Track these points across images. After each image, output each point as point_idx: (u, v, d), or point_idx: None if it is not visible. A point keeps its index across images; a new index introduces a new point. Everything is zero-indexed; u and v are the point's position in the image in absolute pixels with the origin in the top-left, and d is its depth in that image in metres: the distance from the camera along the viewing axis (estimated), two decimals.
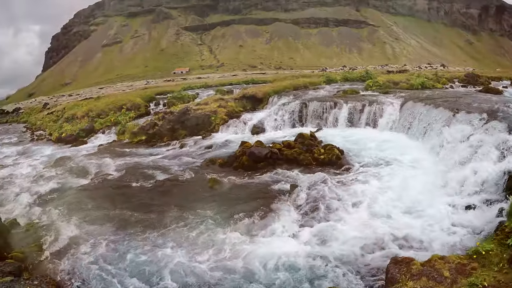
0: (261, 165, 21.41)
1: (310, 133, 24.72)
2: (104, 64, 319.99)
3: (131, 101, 48.69)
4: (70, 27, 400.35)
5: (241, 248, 13.02)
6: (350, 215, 14.57)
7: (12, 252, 14.41)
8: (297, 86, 39.37)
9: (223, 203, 17.03)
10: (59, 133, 44.63)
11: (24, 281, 10.57)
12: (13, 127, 74.94)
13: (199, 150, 27.97)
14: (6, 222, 18.00)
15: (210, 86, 62.14)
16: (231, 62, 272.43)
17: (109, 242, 14.70)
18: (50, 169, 28.42)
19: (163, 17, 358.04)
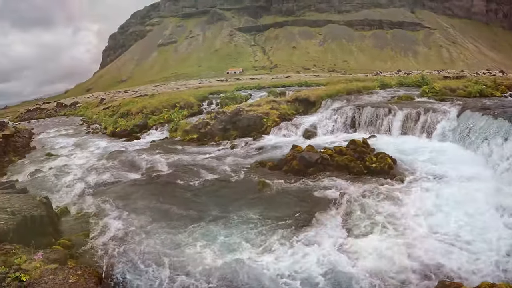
0: (311, 171, 21.02)
1: (363, 140, 23.97)
2: (159, 63, 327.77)
3: (185, 100, 49.51)
4: (127, 27, 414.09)
5: (280, 254, 12.81)
6: (398, 231, 13.74)
7: (60, 239, 15.03)
8: (351, 90, 38.68)
9: (270, 207, 16.96)
10: (113, 128, 46.20)
11: (68, 270, 10.61)
12: (70, 119, 78.23)
13: (250, 151, 27.98)
14: (57, 210, 18.91)
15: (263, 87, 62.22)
16: (284, 64, 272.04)
17: (153, 237, 15.00)
18: (103, 162, 29.53)
19: (217, 18, 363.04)
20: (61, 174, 26.86)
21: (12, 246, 12.58)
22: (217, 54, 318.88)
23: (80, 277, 10.01)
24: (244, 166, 23.96)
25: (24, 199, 16.84)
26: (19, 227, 13.81)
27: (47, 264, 10.94)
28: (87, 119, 69.42)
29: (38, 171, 28.66)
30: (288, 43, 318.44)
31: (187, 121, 40.97)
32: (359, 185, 18.31)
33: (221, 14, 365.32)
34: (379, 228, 14.03)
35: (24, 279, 9.69)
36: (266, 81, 78.10)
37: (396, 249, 12.48)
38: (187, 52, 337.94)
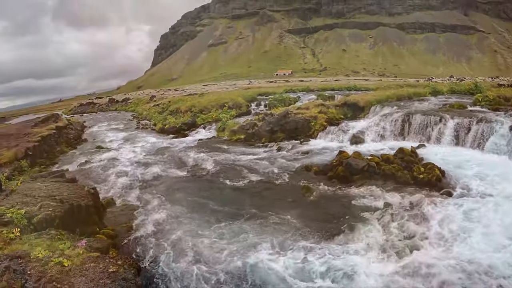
0: (356, 178, 20.60)
1: (411, 149, 23.23)
2: (209, 63, 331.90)
3: (233, 100, 49.99)
4: (178, 28, 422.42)
5: (317, 261, 12.55)
6: (441, 248, 12.88)
7: (103, 229, 15.58)
8: (401, 96, 37.90)
9: (310, 213, 16.78)
10: (162, 124, 47.40)
11: (109, 259, 10.84)
12: (121, 114, 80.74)
13: (296, 155, 27.81)
14: (104, 201, 19.63)
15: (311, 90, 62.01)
16: (333, 67, 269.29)
17: (193, 234, 15.23)
18: (151, 157, 30.48)
19: (266, 19, 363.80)
20: (109, 167, 27.89)
21: (58, 232, 13.08)
22: (266, 55, 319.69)
23: (120, 267, 10.22)
24: (289, 170, 23.87)
25: (72, 188, 17.44)
26: (66, 215, 14.34)
27: (89, 252, 11.27)
28: (137, 115, 71.41)
29: (88, 162, 29.91)
30: (338, 46, 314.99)
31: (235, 121, 41.32)
32: (405, 196, 17.57)
33: (270, 15, 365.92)
34: (421, 242, 13.36)
35: (66, 264, 9.98)
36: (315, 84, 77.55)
37: (435, 267, 11.84)
38: (237, 52, 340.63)
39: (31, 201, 15.18)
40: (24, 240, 12.09)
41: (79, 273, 9.82)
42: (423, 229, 14.28)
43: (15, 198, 15.69)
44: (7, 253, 10.55)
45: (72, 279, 9.45)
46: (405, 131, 28.53)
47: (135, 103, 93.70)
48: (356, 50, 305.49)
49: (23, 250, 10.69)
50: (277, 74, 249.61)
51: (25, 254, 10.41)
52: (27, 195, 16.08)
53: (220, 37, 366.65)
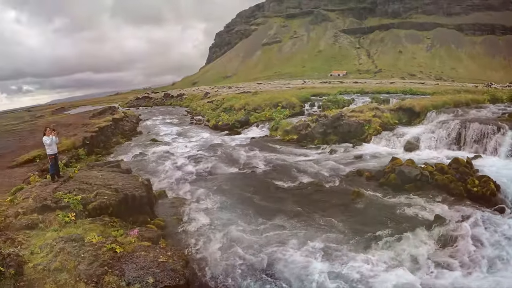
0: (408, 186, 19.95)
1: (466, 159, 21.89)
2: (263, 62, 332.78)
3: (287, 100, 49.84)
4: (232, 26, 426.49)
5: (360, 271, 12.22)
6: (492, 269, 12.27)
7: (155, 219, 16.02)
8: (458, 103, 36.45)
9: (359, 219, 16.45)
10: (216, 121, 48.03)
11: (159, 249, 11.11)
12: (176, 109, 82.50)
13: (348, 158, 27.35)
14: (156, 192, 20.23)
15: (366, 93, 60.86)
16: (389, 69, 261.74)
17: (241, 230, 15.34)
18: (204, 152, 30.88)
19: (321, 19, 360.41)
20: (162, 159, 28.57)
21: (111, 219, 13.65)
22: (321, 55, 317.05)
23: (169, 258, 10.44)
24: (340, 173, 23.49)
25: (127, 179, 18.10)
26: (120, 204, 14.88)
27: (140, 241, 11.60)
28: (191, 110, 72.61)
29: (142, 154, 30.80)
30: (394, 47, 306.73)
31: (288, 121, 41.16)
32: (457, 209, 16.74)
33: (325, 15, 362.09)
34: (471, 260, 12.78)
35: (118, 251, 10.32)
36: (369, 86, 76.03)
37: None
38: (291, 52, 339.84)
39: (87, 188, 15.81)
40: (79, 225, 12.63)
41: (130, 260, 10.12)
42: (472, 246, 13.60)
43: (72, 185, 16.37)
44: (62, 236, 11.02)
45: (123, 266, 9.74)
46: (461, 140, 27.27)
47: (189, 99, 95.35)
48: (412, 52, 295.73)
49: (77, 234, 11.12)
50: (331, 75, 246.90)
51: (79, 238, 10.82)
52: (84, 182, 16.75)
53: (275, 36, 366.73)
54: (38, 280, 9.08)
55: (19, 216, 13.00)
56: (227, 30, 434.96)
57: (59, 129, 33.98)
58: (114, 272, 9.41)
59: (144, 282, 9.10)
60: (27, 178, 20.12)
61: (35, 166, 23.51)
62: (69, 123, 42.90)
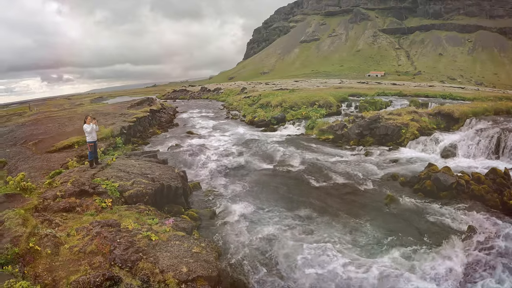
0: (443, 194, 19.56)
1: (505, 170, 20.94)
2: (300, 59, 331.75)
3: (324, 99, 49.52)
4: (271, 22, 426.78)
5: (389, 276, 12.09)
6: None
7: (189, 210, 16.26)
8: (499, 110, 35.28)
9: (392, 225, 16.23)
10: (252, 117, 48.04)
11: (193, 240, 11.24)
12: (212, 103, 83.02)
13: (383, 162, 27.02)
14: (191, 184, 20.58)
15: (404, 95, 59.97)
16: (428, 71, 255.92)
17: (273, 227, 15.38)
18: (239, 147, 31.03)
19: (360, 18, 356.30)
20: (198, 152, 28.76)
21: (146, 207, 13.87)
22: (359, 55, 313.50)
23: (202, 249, 10.56)
24: (375, 176, 23.31)
25: (164, 169, 18.43)
26: (155, 193, 15.18)
27: (175, 231, 11.78)
28: (228, 105, 72.94)
29: (178, 146, 31.08)
30: (434, 49, 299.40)
31: (324, 120, 41.05)
32: (491, 222, 16.30)
33: (364, 14, 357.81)
34: (503, 275, 12.40)
35: (153, 239, 10.52)
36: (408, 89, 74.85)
37: None
38: (329, 50, 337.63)
39: (124, 176, 16.12)
40: (115, 211, 12.92)
41: (165, 248, 10.28)
42: (504, 260, 13.22)
43: (110, 172, 16.73)
44: (99, 220, 11.29)
45: (157, 253, 9.91)
46: (500, 149, 26.45)
47: (226, 94, 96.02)
48: (453, 55, 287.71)
49: (114, 220, 11.37)
50: (369, 75, 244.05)
51: (115, 223, 11.07)
52: (121, 170, 17.09)
53: (313, 34, 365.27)
54: (73, 261, 9.32)
55: (57, 199, 13.39)
56: (265, 26, 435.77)
57: (98, 117, 34.79)
58: (148, 259, 9.56)
59: (178, 270, 9.22)
60: (65, 163, 20.59)
61: (74, 152, 24.04)
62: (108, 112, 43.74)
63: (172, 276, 9.00)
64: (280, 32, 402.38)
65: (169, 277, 8.97)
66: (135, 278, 8.92)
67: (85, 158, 20.43)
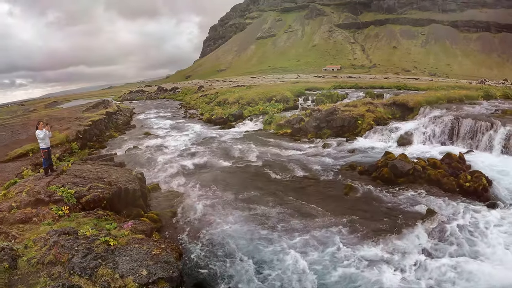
0: (400, 181, 20.17)
1: (459, 155, 22.15)
2: (257, 55, 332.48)
3: (281, 94, 49.97)
4: (227, 20, 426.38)
5: (353, 262, 12.48)
6: (479, 259, 12.50)
7: (148, 213, 16.07)
8: (451, 98, 36.73)
9: (352, 213, 16.55)
10: (210, 115, 47.99)
11: (153, 242, 11.17)
12: (169, 103, 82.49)
13: (341, 152, 27.57)
14: (150, 185, 20.30)
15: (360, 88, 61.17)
16: (383, 64, 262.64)
17: (234, 223, 15.49)
18: (197, 146, 30.95)
19: (316, 13, 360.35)
20: (156, 153, 28.58)
21: (105, 212, 13.64)
22: (315, 49, 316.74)
23: (162, 251, 10.51)
24: (334, 167, 23.69)
25: (121, 172, 18.11)
26: (113, 197, 14.89)
27: (134, 234, 11.64)
28: (185, 104, 72.53)
29: (136, 148, 30.75)
30: (389, 42, 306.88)
31: (281, 115, 41.43)
32: (449, 204, 17.03)
33: (320, 9, 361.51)
34: (460, 253, 13.02)
35: (112, 244, 10.36)
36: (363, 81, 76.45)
37: (472, 276, 11.54)
38: (285, 46, 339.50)
39: (80, 182, 15.82)
40: (72, 218, 12.66)
41: (124, 253, 10.17)
42: (461, 238, 13.91)
43: (65, 178, 16.37)
44: (56, 229, 11.06)
45: (117, 258, 9.79)
46: (453, 135, 27.57)
47: (183, 93, 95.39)
48: (407, 48, 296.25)
49: (71, 227, 11.16)
50: (326, 69, 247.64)
51: (73, 231, 10.87)
52: (77, 176, 16.75)
53: (269, 30, 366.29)
54: (32, 273, 9.10)
55: (13, 210, 13.01)
56: (221, 23, 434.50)
57: (52, 123, 33.92)
58: (108, 264, 9.45)
59: (138, 274, 9.15)
60: (20, 172, 20.08)
61: (28, 160, 23.49)
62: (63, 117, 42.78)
63: (132, 280, 8.93)
64: (237, 29, 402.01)
65: (129, 281, 8.90)
66: (95, 285, 8.79)
67: (41, 166, 19.96)
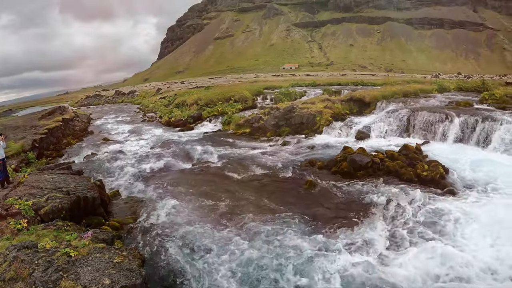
0: (360, 174, 20.73)
1: (416, 146, 23.19)
2: (215, 56, 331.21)
3: (239, 93, 50.04)
4: (184, 20, 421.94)
5: (316, 255, 12.76)
6: (439, 244, 12.90)
7: (109, 220, 15.85)
8: (407, 93, 37.76)
9: (314, 207, 16.98)
10: (168, 117, 47.66)
11: (115, 250, 11.07)
12: (128, 107, 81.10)
13: (301, 149, 27.96)
14: (109, 192, 20.03)
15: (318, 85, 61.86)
16: (340, 61, 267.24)
17: (195, 225, 15.50)
18: (157, 149, 30.65)
19: (273, 13, 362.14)
20: (115, 159, 28.13)
21: (64, 223, 13.35)
22: (273, 49, 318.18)
23: (124, 258, 10.44)
24: (294, 164, 24.04)
25: (79, 180, 17.74)
26: (72, 206, 14.60)
27: (95, 243, 11.49)
28: (144, 107, 71.64)
29: (94, 155, 30.16)
30: (346, 40, 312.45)
31: (240, 115, 41.61)
32: (408, 193, 17.70)
33: (277, 9, 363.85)
34: (420, 238, 13.58)
35: (73, 255, 10.21)
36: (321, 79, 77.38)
37: (432, 262, 12.02)
38: (243, 46, 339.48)
39: (38, 193, 15.42)
40: (32, 231, 12.34)
41: (85, 263, 10.03)
42: (421, 225, 14.52)
43: (22, 190, 15.92)
44: (15, 244, 10.77)
45: (78, 269, 9.67)
46: (410, 127, 28.52)
47: (141, 96, 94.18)
48: (363, 45, 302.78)
49: (30, 241, 10.90)
50: (284, 68, 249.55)
51: (32, 244, 10.62)
52: (34, 187, 16.32)
53: (227, 30, 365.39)
54: None
55: None
56: (179, 24, 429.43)
57: (6, 132, 32.91)
58: (69, 276, 9.32)
59: (100, 284, 9.06)
60: None
61: None
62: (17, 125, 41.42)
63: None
64: (194, 30, 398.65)
65: None
66: None
67: None
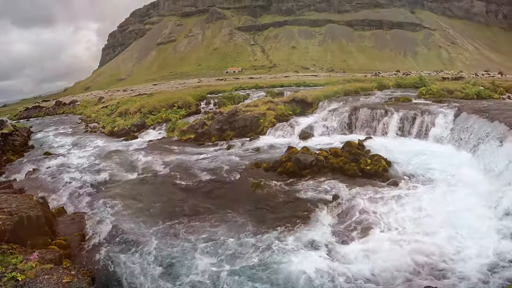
0: (305, 172, 21.12)
1: (358, 142, 24.21)
2: (158, 62, 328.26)
3: (183, 99, 49.63)
4: (126, 26, 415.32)
5: (267, 256, 12.97)
6: (387, 235, 13.58)
7: (56, 239, 15.22)
8: (348, 91, 38.70)
9: (262, 208, 17.20)
10: (112, 127, 46.48)
11: (63, 270, 10.73)
12: (69, 118, 78.35)
13: (246, 152, 28.13)
14: (54, 210, 19.14)
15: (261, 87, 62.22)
16: (283, 63, 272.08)
17: (146, 238, 15.25)
18: (101, 161, 29.76)
19: (216, 17, 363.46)
20: (58, 174, 27.02)
21: (9, 246, 12.69)
22: (216, 53, 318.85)
23: (73, 277, 10.15)
24: (239, 167, 24.16)
25: (21, 199, 16.92)
26: (16, 227, 13.92)
27: (42, 264, 11.06)
28: (86, 117, 69.48)
29: (36, 171, 28.86)
30: (288, 43, 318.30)
31: (184, 121, 41.29)
32: (353, 187, 18.41)
33: (220, 13, 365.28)
34: (368, 230, 14.07)
35: (20, 279, 9.84)
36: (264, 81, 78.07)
37: (380, 252, 12.50)
38: (186, 51, 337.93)
39: None
40: None
41: (34, 286, 9.76)
42: (368, 217, 15.10)
43: None
44: None
45: None
46: (352, 125, 29.43)
47: (83, 106, 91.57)
48: (305, 47, 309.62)
49: None
50: (227, 72, 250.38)
51: None
52: None
53: (169, 35, 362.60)
54: None
55: None
56: (120, 30, 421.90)
57: None
58: None
59: None
60: None
61: None
62: None
63: None
64: (136, 35, 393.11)
65: None
66: None
67: None
